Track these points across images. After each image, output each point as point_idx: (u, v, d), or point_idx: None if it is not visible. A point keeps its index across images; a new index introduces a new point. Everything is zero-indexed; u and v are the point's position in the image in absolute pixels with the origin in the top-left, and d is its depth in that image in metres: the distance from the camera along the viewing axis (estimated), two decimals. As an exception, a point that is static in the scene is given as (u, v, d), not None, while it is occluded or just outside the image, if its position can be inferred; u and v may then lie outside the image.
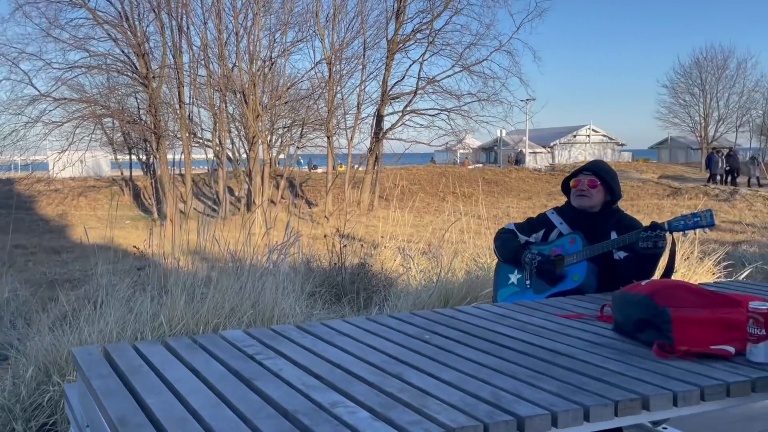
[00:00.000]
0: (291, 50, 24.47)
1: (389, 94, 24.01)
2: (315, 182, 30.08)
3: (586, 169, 2.77)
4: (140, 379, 1.65)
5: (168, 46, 22.35)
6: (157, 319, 3.74)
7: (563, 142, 48.83)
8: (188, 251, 6.75)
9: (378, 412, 1.40)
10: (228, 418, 1.39)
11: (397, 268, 6.86)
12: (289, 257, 5.99)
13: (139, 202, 27.80)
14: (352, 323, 2.19)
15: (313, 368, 1.71)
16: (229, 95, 23.90)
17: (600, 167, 2.78)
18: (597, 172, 2.72)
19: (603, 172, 2.73)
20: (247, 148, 24.49)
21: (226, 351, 1.89)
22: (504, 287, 2.89)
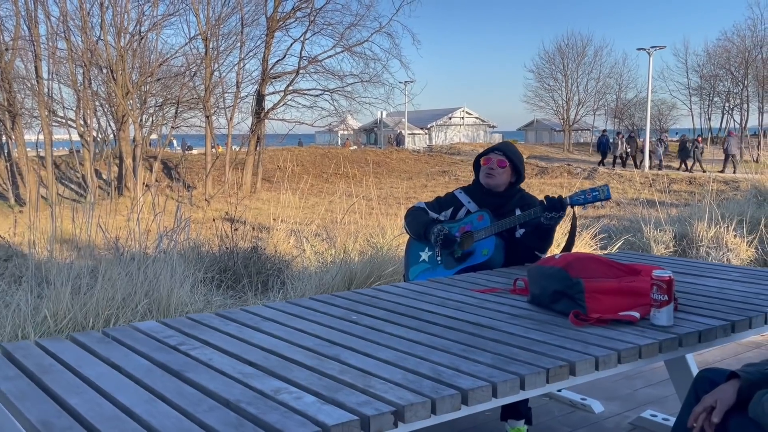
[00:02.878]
0: (162, 24, 23.11)
1: (270, 73, 23.44)
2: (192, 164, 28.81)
3: (497, 149, 2.88)
4: (55, 379, 1.51)
5: (22, 16, 20.28)
6: (39, 314, 3.44)
7: (440, 124, 50.48)
8: (61, 239, 6.24)
9: (324, 396, 1.39)
10: (166, 414, 1.32)
11: (291, 251, 6.78)
12: (178, 243, 5.72)
13: (-9, 186, 25.18)
14: (273, 307, 2.14)
15: (245, 355, 1.66)
16: (94, 71, 22.20)
17: (510, 149, 2.91)
18: (507, 153, 2.85)
19: (512, 154, 2.87)
20: (115, 127, 22.94)
21: (145, 343, 1.78)
22: (415, 264, 2.96)
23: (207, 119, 23.00)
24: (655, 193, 17.21)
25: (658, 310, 1.80)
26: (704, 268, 2.64)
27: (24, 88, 21.43)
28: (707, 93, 40.47)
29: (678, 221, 6.75)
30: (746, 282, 2.36)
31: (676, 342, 1.74)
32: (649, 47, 27.95)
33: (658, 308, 1.80)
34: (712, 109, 41.09)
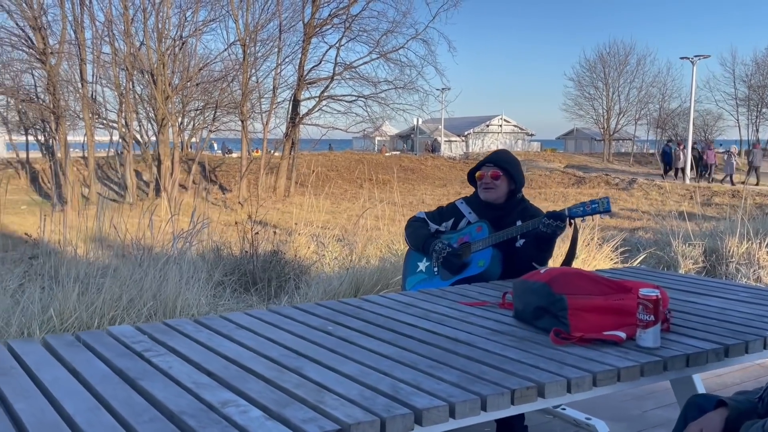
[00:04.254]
0: (203, 30, 23.59)
1: (306, 79, 23.65)
2: (229, 167, 29.27)
3: (488, 162, 2.80)
4: (9, 382, 1.49)
5: (68, 21, 20.96)
6: (46, 313, 3.48)
7: (477, 131, 50.12)
8: (89, 239, 6.36)
9: (272, 411, 1.34)
10: (105, 423, 1.28)
11: (311, 256, 6.77)
12: (196, 245, 5.76)
13: (36, 185, 26.05)
14: (253, 315, 2.10)
15: (206, 365, 1.62)
16: (136, 75, 22.76)
17: (501, 158, 2.82)
18: (498, 163, 2.76)
19: (504, 162, 2.78)
20: (156, 130, 23.45)
21: (112, 348, 1.76)
22: (412, 275, 2.89)
23: (242, 124, 23.34)
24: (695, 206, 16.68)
25: (644, 331, 1.69)
26: (710, 287, 2.50)
27: (69, 90, 22.13)
28: (755, 103, 39.17)
29: (709, 236, 6.49)
30: (752, 303, 2.21)
31: (661, 365, 1.63)
32: (693, 56, 27.20)
33: (643, 329, 1.69)
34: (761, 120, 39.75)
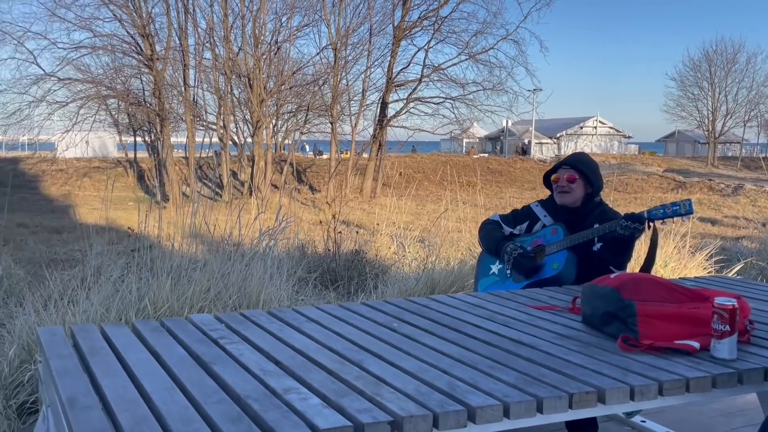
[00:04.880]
0: (297, 35, 24.35)
1: (394, 81, 23.88)
2: (319, 168, 30.05)
3: (565, 164, 2.74)
4: (99, 361, 1.64)
5: (173, 28, 22.29)
6: (142, 301, 3.75)
7: (570, 133, 48.59)
8: (185, 234, 6.76)
9: (330, 400, 1.40)
10: (178, 403, 1.39)
11: (392, 256, 6.85)
12: (282, 242, 5.99)
13: (143, 183, 27.86)
14: (323, 310, 2.18)
15: (274, 354, 1.70)
16: (234, 79, 23.83)
17: (578, 160, 2.75)
18: (575, 166, 2.70)
19: (581, 165, 2.71)
20: (251, 132, 24.46)
21: (191, 335, 1.89)
22: (485, 277, 2.88)
23: (332, 126, 23.89)
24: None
25: (719, 342, 1.61)
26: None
27: (173, 94, 23.53)
28: None
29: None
30: None
31: (735, 378, 1.55)
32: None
33: (718, 339, 1.61)
34: None
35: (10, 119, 21.47)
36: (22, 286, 5.74)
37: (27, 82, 21.09)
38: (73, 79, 22.06)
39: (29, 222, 16.29)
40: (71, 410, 1.33)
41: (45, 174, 25.70)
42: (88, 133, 23.71)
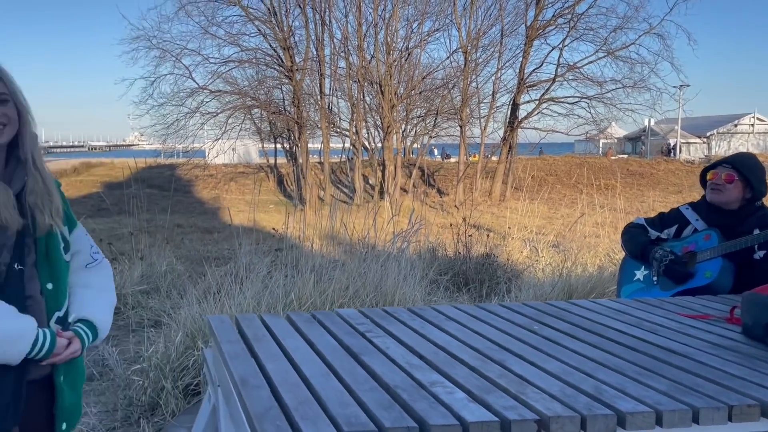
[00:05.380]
0: (427, 40, 24.62)
1: (526, 82, 23.37)
2: (447, 172, 30.12)
3: (726, 162, 2.57)
4: (263, 347, 1.81)
5: (311, 40, 23.43)
6: (288, 296, 4.03)
7: (722, 131, 44.63)
8: (322, 235, 7.13)
9: (475, 395, 1.44)
10: (334, 388, 1.50)
11: (524, 260, 6.75)
12: (413, 244, 6.12)
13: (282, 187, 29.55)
14: (461, 309, 2.23)
15: (418, 349, 1.78)
16: (366, 86, 24.57)
17: (741, 160, 2.56)
18: (737, 166, 2.51)
19: (744, 166, 2.52)
20: (381, 137, 25.07)
21: (340, 327, 2.02)
22: (629, 283, 2.78)
23: (461, 129, 23.85)
24: None
25: None
26: None
27: (310, 102, 24.74)
28: None
29: None
30: None
31: None
32: None
33: None
34: None
35: (169, 129, 23.74)
36: (183, 280, 6.37)
37: (183, 95, 23.22)
38: (222, 91, 23.94)
39: (184, 222, 17.88)
40: (243, 389, 1.49)
41: (197, 179, 28.05)
42: (235, 141, 25.57)
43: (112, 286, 1.72)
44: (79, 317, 1.60)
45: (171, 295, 5.74)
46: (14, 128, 1.48)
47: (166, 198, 21.83)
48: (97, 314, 1.62)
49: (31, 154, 1.51)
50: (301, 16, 23.13)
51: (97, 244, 1.76)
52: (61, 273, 1.57)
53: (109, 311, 1.68)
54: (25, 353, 1.41)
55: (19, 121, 1.49)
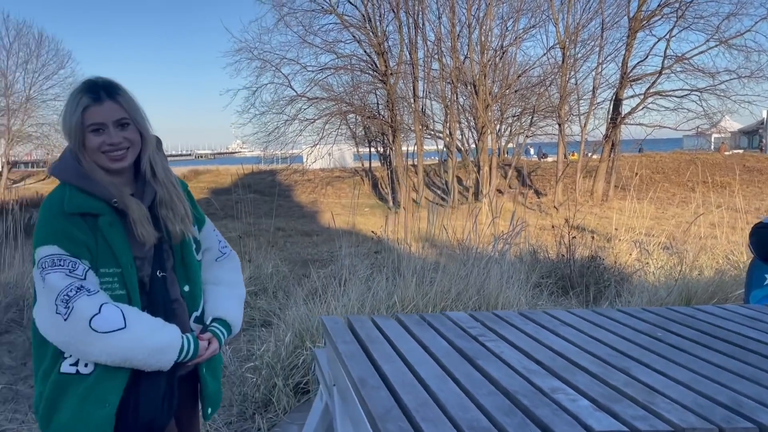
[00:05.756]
0: (523, 37, 24.09)
1: (629, 76, 22.30)
2: (544, 171, 29.32)
3: None
4: (377, 348, 1.84)
5: (405, 43, 23.61)
6: (391, 298, 4.06)
7: None
8: (419, 238, 7.15)
9: (600, 403, 1.39)
10: (452, 390, 1.50)
11: (633, 263, 6.44)
12: (514, 247, 6.00)
13: (376, 191, 29.96)
14: (576, 314, 2.16)
15: (534, 354, 1.74)
16: (460, 87, 24.41)
17: None
18: None
19: None
20: (476, 138, 24.81)
21: (451, 330, 2.01)
22: (759, 288, 2.59)
23: (559, 127, 23.14)
24: None
25: None
26: None
27: (403, 105, 24.92)
28: None
29: None
30: None
31: None
32: None
33: None
34: None
35: (270, 136, 24.72)
36: (288, 281, 6.60)
37: (283, 103, 24.12)
38: (319, 98, 24.63)
39: (285, 226, 18.54)
40: (363, 389, 1.52)
41: (296, 184, 29.01)
42: (332, 146, 26.23)
43: (240, 279, 1.82)
44: (214, 317, 1.70)
45: (277, 296, 5.97)
46: (137, 149, 1.59)
47: (267, 203, 22.75)
48: (229, 312, 1.73)
49: (155, 167, 1.62)
50: (394, 20, 23.39)
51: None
52: (196, 275, 1.68)
53: (240, 307, 1.78)
54: (174, 360, 1.53)
55: (141, 141, 1.59)
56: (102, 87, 1.55)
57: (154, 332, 1.51)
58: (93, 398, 1.47)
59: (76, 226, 1.49)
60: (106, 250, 1.51)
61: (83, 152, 1.54)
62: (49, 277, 1.45)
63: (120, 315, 1.47)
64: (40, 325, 1.49)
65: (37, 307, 1.51)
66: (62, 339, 1.46)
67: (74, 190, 1.52)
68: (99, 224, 1.51)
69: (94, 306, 1.45)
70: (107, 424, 1.47)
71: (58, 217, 1.49)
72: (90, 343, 1.44)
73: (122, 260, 1.52)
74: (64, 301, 1.44)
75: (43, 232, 1.49)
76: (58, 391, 1.49)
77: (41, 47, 29.63)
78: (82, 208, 1.51)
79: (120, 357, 1.47)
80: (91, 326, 1.43)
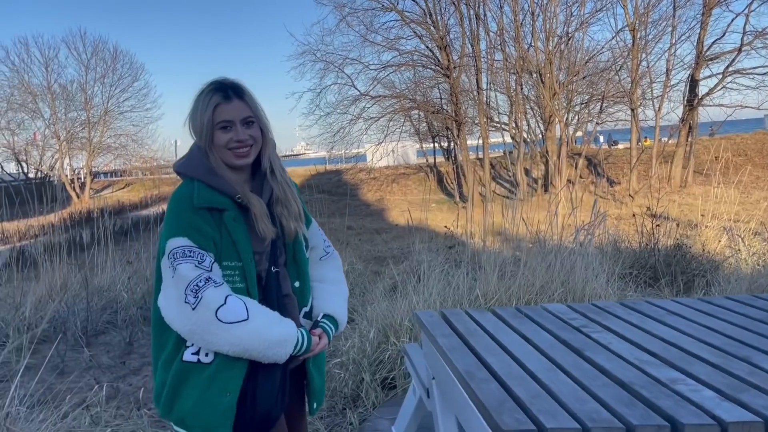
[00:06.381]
0: (589, 22, 23.36)
1: (705, 56, 21.23)
2: (616, 159, 28.37)
3: None
4: (478, 341, 1.83)
5: (467, 36, 23.37)
6: (473, 292, 4.03)
7: None
8: (492, 231, 7.06)
9: (726, 393, 1.33)
10: (564, 382, 1.47)
11: (723, 250, 6.13)
12: (595, 238, 5.82)
13: (442, 186, 29.83)
14: (682, 303, 2.07)
15: (645, 344, 1.68)
16: (524, 76, 23.94)
17: None
18: None
19: None
20: (543, 128, 24.27)
21: (551, 322, 1.98)
22: None
23: (632, 112, 22.31)
24: None
25: None
26: None
27: (467, 99, 24.67)
28: None
29: None
30: None
31: None
32: None
33: None
34: None
35: (335, 137, 25.05)
36: (364, 278, 6.67)
37: (347, 103, 24.39)
38: (382, 95, 24.75)
39: (354, 224, 18.74)
40: (471, 381, 1.51)
41: (362, 182, 29.27)
42: (396, 143, 26.31)
43: (342, 278, 1.86)
44: (324, 313, 1.74)
45: (354, 292, 6.03)
46: (258, 147, 1.66)
47: (335, 202, 23.07)
48: (337, 309, 1.76)
49: (274, 165, 1.67)
50: (455, 13, 23.19)
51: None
52: (306, 272, 1.73)
53: (345, 303, 1.81)
54: (290, 353, 1.57)
55: (262, 139, 1.65)
56: (230, 87, 1.62)
57: (273, 325, 1.56)
58: (215, 387, 1.53)
59: (204, 220, 1.55)
60: (229, 244, 1.56)
61: (212, 149, 1.61)
62: (180, 267, 1.50)
63: (243, 307, 1.52)
64: (166, 314, 1.54)
65: (163, 296, 1.56)
66: (189, 328, 1.51)
67: (202, 185, 1.58)
68: (224, 219, 1.57)
69: (221, 297, 1.50)
70: (229, 412, 1.52)
71: (188, 210, 1.55)
72: (215, 333, 1.49)
73: (243, 254, 1.57)
74: (194, 291, 1.49)
75: (174, 224, 1.54)
76: (180, 379, 1.55)
77: (116, 61, 31.14)
78: (211, 203, 1.56)
79: (241, 347, 1.51)
80: (217, 316, 1.48)
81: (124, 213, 21.34)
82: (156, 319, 1.60)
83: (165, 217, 1.57)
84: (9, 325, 4.63)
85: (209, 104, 1.59)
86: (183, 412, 1.54)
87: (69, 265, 6.11)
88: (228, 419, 1.52)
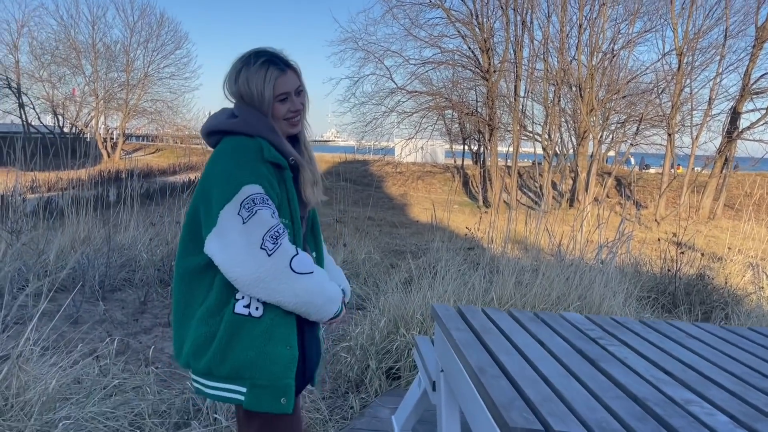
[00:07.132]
0: (637, 41, 23.02)
1: (751, 89, 20.81)
2: (646, 183, 27.97)
3: None
4: (492, 339, 1.82)
5: (510, 42, 23.18)
6: (488, 294, 4.01)
7: None
8: (513, 239, 7.02)
9: (740, 420, 1.31)
10: (576, 390, 1.46)
11: (746, 286, 6.02)
12: (617, 257, 5.76)
13: (467, 189, 29.70)
14: (702, 328, 2.04)
15: (661, 363, 1.66)
16: (564, 89, 23.69)
17: None
18: None
19: None
20: (575, 143, 24.02)
21: (567, 330, 1.96)
22: None
23: (669, 137, 21.96)
24: None
25: None
26: None
27: (503, 105, 24.50)
28: None
29: None
30: None
31: None
32: None
33: None
34: None
35: (367, 127, 25.07)
36: (379, 269, 6.67)
37: (383, 95, 24.37)
38: (418, 91, 24.69)
39: (375, 216, 18.76)
40: (482, 377, 1.51)
41: (388, 175, 29.27)
42: (427, 141, 26.25)
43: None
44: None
45: (368, 282, 6.05)
46: (304, 115, 1.68)
47: (358, 191, 23.10)
48: (345, 285, 1.80)
49: (306, 134, 1.70)
50: (502, 17, 23.02)
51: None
52: (321, 244, 1.77)
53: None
54: (335, 313, 1.61)
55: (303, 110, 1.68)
56: (279, 58, 1.63)
57: (327, 283, 1.60)
58: (276, 339, 1.54)
59: (272, 174, 1.56)
60: (284, 202, 1.58)
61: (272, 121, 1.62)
62: (261, 213, 1.47)
63: (311, 260, 1.55)
64: (226, 259, 1.47)
65: (221, 243, 1.48)
66: (257, 275, 1.46)
67: (265, 142, 1.58)
68: (284, 177, 1.59)
69: (294, 247, 1.52)
70: (292, 364, 1.54)
71: (258, 161, 1.54)
72: (284, 282, 1.48)
73: (295, 214, 1.60)
74: (273, 238, 1.47)
75: (248, 171, 1.51)
76: (233, 331, 1.52)
77: (161, 27, 31.50)
78: (277, 158, 1.57)
79: (303, 300, 1.52)
80: (291, 265, 1.49)
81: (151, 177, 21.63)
82: (189, 272, 1.59)
83: (222, 165, 1.54)
84: (30, 270, 4.72)
85: (269, 78, 1.59)
86: (245, 363, 1.53)
87: (94, 220, 6.21)
88: (291, 371, 1.54)
